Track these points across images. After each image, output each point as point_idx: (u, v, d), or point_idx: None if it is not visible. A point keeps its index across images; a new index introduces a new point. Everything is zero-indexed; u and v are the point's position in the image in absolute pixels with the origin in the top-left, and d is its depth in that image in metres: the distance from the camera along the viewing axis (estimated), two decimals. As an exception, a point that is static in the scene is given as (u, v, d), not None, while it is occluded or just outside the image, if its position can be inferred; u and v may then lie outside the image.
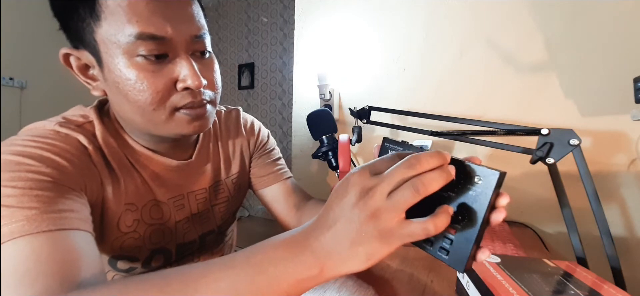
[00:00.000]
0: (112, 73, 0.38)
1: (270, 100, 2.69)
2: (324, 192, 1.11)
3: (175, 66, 0.39)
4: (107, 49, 0.37)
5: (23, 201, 0.31)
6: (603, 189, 0.76)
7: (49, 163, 0.34)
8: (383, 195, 0.24)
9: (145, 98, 0.38)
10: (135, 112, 0.39)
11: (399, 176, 0.25)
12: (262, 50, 2.69)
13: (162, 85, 0.38)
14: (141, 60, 0.37)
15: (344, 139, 0.71)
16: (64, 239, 0.31)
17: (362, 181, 0.25)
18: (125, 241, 0.45)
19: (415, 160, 0.25)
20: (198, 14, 0.41)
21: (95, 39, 0.37)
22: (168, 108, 0.40)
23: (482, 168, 0.27)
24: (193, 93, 0.41)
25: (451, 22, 0.91)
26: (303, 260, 0.25)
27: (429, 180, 0.24)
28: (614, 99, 0.74)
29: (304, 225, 0.27)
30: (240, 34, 2.80)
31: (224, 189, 0.57)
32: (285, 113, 2.62)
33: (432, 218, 0.24)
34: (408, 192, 0.24)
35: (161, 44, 0.37)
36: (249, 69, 2.77)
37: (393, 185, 0.24)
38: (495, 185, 0.26)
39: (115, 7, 0.35)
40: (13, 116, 1.90)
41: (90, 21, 0.36)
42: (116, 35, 0.36)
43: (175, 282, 0.25)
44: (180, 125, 0.42)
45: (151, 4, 0.36)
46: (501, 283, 0.33)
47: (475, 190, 0.27)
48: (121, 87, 0.38)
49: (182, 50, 0.39)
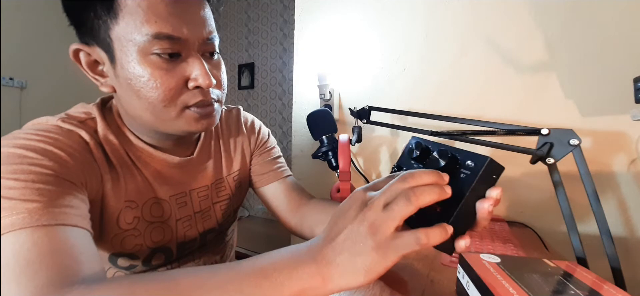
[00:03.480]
0: (125, 70, 0.38)
1: (270, 100, 2.69)
2: (324, 192, 1.11)
3: (187, 65, 0.40)
4: (121, 47, 0.38)
5: (25, 193, 0.31)
6: (603, 189, 0.76)
7: (51, 156, 0.35)
8: (379, 207, 0.26)
9: (157, 96, 0.39)
10: (146, 108, 0.40)
11: (394, 189, 0.27)
12: (262, 50, 2.69)
13: (174, 83, 0.40)
14: (155, 59, 0.38)
15: (344, 139, 0.71)
16: (64, 234, 0.31)
17: (361, 196, 0.28)
18: (126, 239, 0.45)
19: (410, 175, 0.27)
20: (210, 17, 0.43)
21: (111, 36, 0.38)
22: (179, 105, 0.41)
23: (477, 154, 0.28)
24: (203, 92, 0.42)
25: (451, 22, 0.91)
26: (306, 269, 0.26)
27: (421, 191, 0.26)
28: (614, 99, 0.74)
29: (312, 240, 0.29)
30: (240, 34, 2.80)
31: (225, 186, 0.58)
32: (285, 113, 2.62)
33: (425, 229, 0.25)
34: (401, 202, 0.25)
35: (176, 43, 0.39)
36: (249, 69, 2.77)
37: (388, 197, 0.26)
38: (482, 169, 0.27)
39: (134, 7, 0.36)
40: (13, 116, 1.90)
41: (107, 19, 0.37)
42: (133, 34, 0.37)
43: (183, 284, 0.26)
44: (188, 122, 0.43)
45: (170, 6, 0.38)
46: (501, 283, 0.33)
47: (465, 173, 0.28)
48: (133, 84, 0.39)
49: (194, 51, 0.41)
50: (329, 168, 0.76)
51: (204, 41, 0.41)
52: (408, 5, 0.96)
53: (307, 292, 0.26)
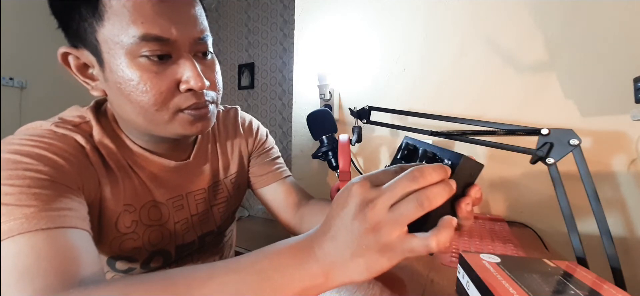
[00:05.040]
0: (114, 73, 0.37)
1: (270, 100, 2.69)
2: (324, 191, 1.11)
3: (178, 67, 0.39)
4: (109, 49, 0.36)
5: (21, 199, 0.31)
6: (603, 189, 0.76)
7: (46, 161, 0.34)
8: (384, 207, 0.24)
9: (148, 99, 0.38)
10: (138, 113, 0.39)
11: (402, 189, 0.24)
12: (262, 50, 2.69)
13: (165, 87, 0.38)
14: (144, 61, 0.37)
15: (344, 139, 0.71)
16: (63, 237, 0.31)
17: (362, 192, 0.25)
18: (124, 242, 0.44)
19: (419, 173, 0.24)
20: (201, 16, 0.41)
21: (97, 39, 0.37)
22: (171, 109, 0.40)
23: (454, 153, 0.27)
24: (196, 95, 0.41)
25: (451, 22, 0.91)
26: (308, 269, 0.25)
27: (434, 195, 0.24)
28: (614, 99, 0.74)
29: (309, 232, 0.27)
30: (240, 34, 2.79)
31: (222, 189, 0.57)
32: (285, 113, 2.62)
33: (435, 234, 0.24)
34: (412, 206, 0.23)
35: (165, 45, 0.37)
36: (249, 69, 2.77)
37: (395, 198, 0.24)
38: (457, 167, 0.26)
39: (119, 8, 0.35)
40: (13, 116, 1.90)
41: (92, 21, 0.36)
42: (119, 36, 0.36)
43: (180, 284, 0.25)
44: (183, 125, 0.41)
45: (157, 5, 0.36)
46: (501, 283, 0.33)
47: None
48: (123, 88, 0.37)
49: (185, 51, 0.39)
50: (329, 168, 0.76)
51: (195, 41, 0.40)
52: (408, 5, 0.96)
53: (310, 290, 0.25)
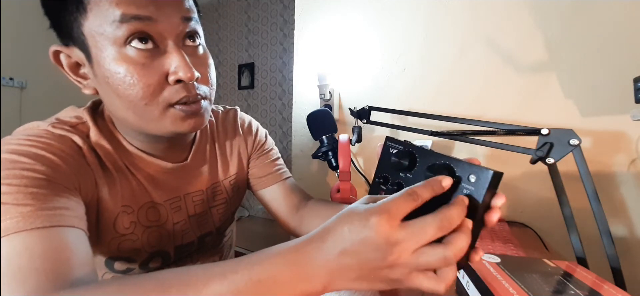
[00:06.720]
0: (102, 67, 0.37)
1: (270, 100, 2.69)
2: (324, 192, 1.11)
3: (166, 59, 0.38)
4: (95, 42, 0.36)
5: (18, 198, 0.30)
6: (603, 189, 0.76)
7: (43, 161, 0.34)
8: (409, 251, 0.24)
9: (136, 93, 0.37)
10: (127, 108, 0.38)
11: (429, 236, 0.24)
12: (262, 50, 2.69)
13: (152, 79, 0.37)
14: (131, 52, 0.36)
15: (344, 139, 0.71)
16: (58, 236, 0.31)
17: (390, 231, 0.24)
18: (123, 243, 0.44)
19: (448, 222, 0.24)
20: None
21: (84, 33, 0.36)
22: (161, 103, 0.39)
23: (476, 167, 0.27)
24: (187, 88, 0.39)
25: (451, 22, 0.91)
26: (311, 284, 0.25)
27: (460, 250, 0.24)
28: (614, 99, 0.74)
29: (307, 236, 0.26)
30: (240, 34, 2.80)
31: (221, 191, 0.57)
32: (285, 113, 2.62)
33: (444, 280, 0.25)
34: (437, 259, 0.24)
35: (146, 24, 0.36)
36: (249, 69, 2.77)
37: (421, 244, 0.24)
38: (488, 183, 0.26)
39: None
40: (13, 116, 1.90)
41: (77, 15, 0.36)
42: (103, 26, 0.35)
43: (176, 287, 0.25)
44: (174, 122, 0.40)
45: None
46: (501, 283, 0.33)
47: (468, 188, 0.27)
48: (111, 82, 0.37)
49: (172, 39, 0.38)
50: (329, 168, 0.76)
51: (180, 21, 0.38)
52: (408, 5, 0.96)
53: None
